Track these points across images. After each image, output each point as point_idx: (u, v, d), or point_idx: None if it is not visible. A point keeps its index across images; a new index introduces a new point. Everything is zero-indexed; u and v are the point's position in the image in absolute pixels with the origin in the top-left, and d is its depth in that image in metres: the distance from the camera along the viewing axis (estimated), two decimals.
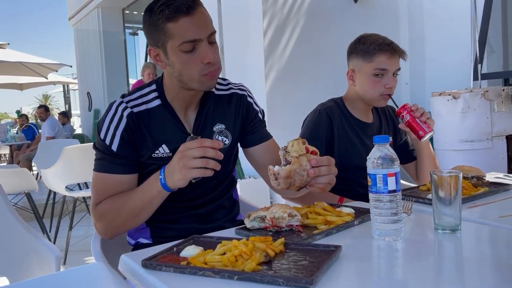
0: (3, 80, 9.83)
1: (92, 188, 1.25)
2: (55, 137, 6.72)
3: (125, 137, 1.21)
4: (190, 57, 1.15)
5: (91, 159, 1.27)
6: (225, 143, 1.32)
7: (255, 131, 1.39)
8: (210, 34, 1.16)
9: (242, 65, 4.06)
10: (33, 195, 3.93)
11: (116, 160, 1.21)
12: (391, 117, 1.85)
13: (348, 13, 3.94)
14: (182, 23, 1.13)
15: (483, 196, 1.38)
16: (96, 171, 1.24)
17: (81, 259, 3.43)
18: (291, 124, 3.35)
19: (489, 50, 3.88)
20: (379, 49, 1.61)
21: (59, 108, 24.30)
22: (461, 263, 0.90)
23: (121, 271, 0.98)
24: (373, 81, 1.63)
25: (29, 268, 1.45)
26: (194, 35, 1.13)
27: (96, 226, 1.25)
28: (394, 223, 0.98)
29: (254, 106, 1.40)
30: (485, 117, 3.02)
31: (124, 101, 1.24)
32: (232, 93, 1.37)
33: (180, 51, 1.15)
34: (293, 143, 1.07)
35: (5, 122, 13.62)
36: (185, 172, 1.06)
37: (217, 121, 1.32)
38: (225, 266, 0.83)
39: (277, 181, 1.04)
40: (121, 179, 1.22)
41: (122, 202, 1.19)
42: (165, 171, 1.12)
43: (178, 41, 1.14)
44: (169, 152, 1.24)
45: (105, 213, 1.21)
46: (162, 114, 1.25)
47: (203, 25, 1.15)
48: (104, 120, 1.23)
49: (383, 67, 1.61)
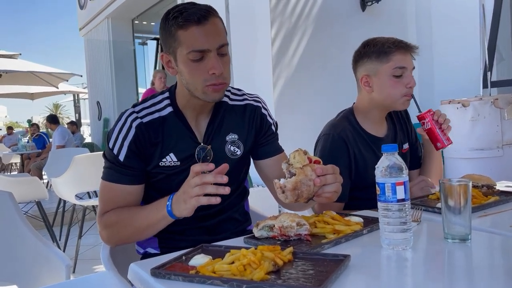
0: (15, 89, 9.96)
1: (100, 196, 1.27)
2: (65, 146, 6.77)
3: (132, 148, 1.21)
4: (196, 66, 1.15)
5: (100, 168, 1.28)
6: (236, 154, 1.31)
7: (267, 144, 1.37)
8: (220, 46, 1.16)
9: (250, 73, 4.07)
10: (43, 204, 3.96)
11: (123, 170, 1.22)
12: (404, 120, 1.77)
13: (356, 21, 3.95)
14: (192, 32, 1.13)
15: (494, 205, 1.36)
16: (103, 180, 1.25)
17: (90, 267, 3.44)
18: (300, 132, 3.35)
19: (498, 58, 3.86)
20: (395, 47, 1.53)
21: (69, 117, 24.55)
22: (472, 273, 0.89)
23: (130, 280, 0.99)
24: (394, 81, 1.54)
25: (39, 277, 1.46)
26: (202, 45, 1.13)
27: (101, 233, 1.26)
28: (403, 232, 0.97)
29: (268, 118, 1.38)
30: (495, 125, 2.99)
31: (135, 110, 1.25)
32: (246, 104, 1.36)
33: (188, 59, 1.15)
34: (295, 155, 1.06)
35: (16, 131, 13.78)
36: (188, 202, 1.06)
37: (230, 131, 1.31)
38: (233, 275, 0.83)
39: (285, 194, 1.03)
40: (127, 189, 1.23)
41: (128, 217, 1.20)
42: (173, 199, 1.12)
43: (187, 49, 1.14)
44: (176, 161, 1.24)
45: (111, 224, 1.22)
46: (174, 121, 1.25)
47: (213, 36, 1.14)
48: (113, 129, 1.24)
49: (402, 65, 1.53)
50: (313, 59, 3.87)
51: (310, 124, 3.56)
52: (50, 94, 11.37)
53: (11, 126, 13.73)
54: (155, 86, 5.26)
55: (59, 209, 4.64)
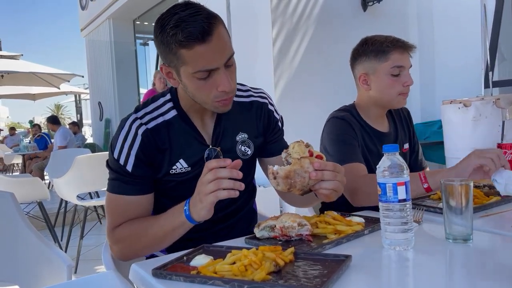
0: (17, 90, 9.99)
1: (107, 210, 1.19)
2: (67, 146, 6.79)
3: (140, 156, 1.14)
4: (204, 84, 1.08)
5: (102, 168, 1.24)
6: (247, 154, 1.27)
7: (275, 142, 1.33)
8: (227, 59, 1.07)
9: (251, 74, 4.07)
10: (45, 204, 3.96)
11: (132, 180, 1.15)
12: (406, 120, 1.78)
13: (357, 21, 3.95)
14: (197, 52, 1.02)
15: (495, 205, 1.36)
16: (110, 192, 1.18)
17: (92, 268, 3.45)
18: (301, 132, 3.35)
19: (500, 58, 3.85)
20: (393, 46, 1.55)
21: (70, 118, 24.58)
22: (473, 273, 0.89)
23: (132, 280, 0.99)
24: (391, 80, 1.55)
25: (41, 277, 1.46)
26: (210, 64, 1.04)
27: (112, 248, 1.19)
28: (405, 232, 0.97)
29: (275, 114, 1.34)
30: (497, 125, 2.98)
31: (138, 116, 1.18)
32: (252, 100, 1.31)
33: (194, 77, 1.07)
34: (294, 145, 1.05)
35: (18, 132, 13.81)
36: (204, 200, 1.00)
37: (239, 130, 1.26)
38: (235, 276, 0.83)
39: (276, 180, 1.01)
40: (137, 200, 1.16)
41: (142, 228, 1.13)
42: (190, 203, 1.05)
43: (193, 69, 1.05)
44: (187, 166, 1.19)
45: (124, 238, 1.16)
46: (179, 125, 1.19)
47: (220, 52, 1.05)
48: (117, 138, 1.16)
49: (400, 64, 1.54)
50: (314, 59, 3.87)
51: (312, 123, 3.56)
52: (52, 95, 11.40)
53: (14, 127, 13.74)
54: (156, 87, 5.28)
55: (61, 209, 4.65)
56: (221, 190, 0.98)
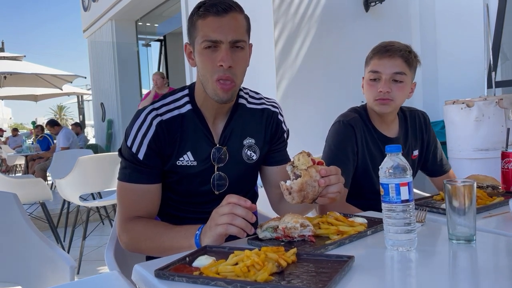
0: (19, 91, 10.03)
1: (118, 198, 1.24)
2: (70, 147, 6.80)
3: (152, 145, 1.20)
4: (208, 57, 1.16)
5: (105, 169, 1.27)
6: (252, 159, 1.31)
7: (278, 151, 1.37)
8: (234, 40, 1.15)
9: (253, 74, 4.06)
10: (47, 205, 3.98)
11: (142, 169, 1.20)
12: (421, 126, 1.74)
13: (359, 22, 3.94)
14: (208, 22, 1.14)
15: (499, 205, 1.36)
16: (121, 181, 1.23)
17: (95, 268, 3.45)
18: (303, 133, 3.34)
19: (502, 58, 3.84)
20: (373, 52, 1.59)
21: (73, 118, 24.63)
22: (476, 274, 0.89)
23: (134, 281, 0.99)
24: (369, 85, 1.59)
25: (44, 278, 1.46)
26: (215, 35, 1.14)
27: (120, 236, 1.24)
28: (408, 233, 0.97)
29: (283, 125, 1.38)
30: (500, 125, 2.98)
31: (155, 107, 1.23)
32: (264, 108, 1.35)
33: (201, 48, 1.16)
34: (299, 157, 1.08)
35: (21, 133, 13.84)
36: (214, 229, 1.03)
37: (247, 135, 1.30)
38: (237, 277, 0.83)
39: (291, 195, 1.05)
40: (146, 188, 1.21)
41: (154, 232, 1.17)
42: (203, 228, 1.09)
43: (201, 38, 1.15)
44: (193, 160, 1.23)
45: (133, 233, 1.20)
46: (192, 119, 1.25)
47: (228, 28, 1.14)
48: (132, 127, 1.22)
49: (375, 69, 1.56)
50: (316, 60, 3.87)
51: (314, 125, 3.56)
52: (54, 96, 11.44)
53: (16, 128, 13.78)
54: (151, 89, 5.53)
55: (64, 210, 4.66)
56: (232, 225, 1.01)
